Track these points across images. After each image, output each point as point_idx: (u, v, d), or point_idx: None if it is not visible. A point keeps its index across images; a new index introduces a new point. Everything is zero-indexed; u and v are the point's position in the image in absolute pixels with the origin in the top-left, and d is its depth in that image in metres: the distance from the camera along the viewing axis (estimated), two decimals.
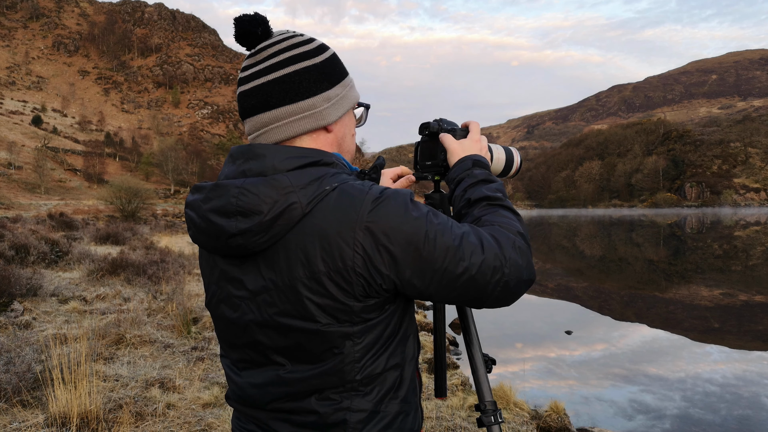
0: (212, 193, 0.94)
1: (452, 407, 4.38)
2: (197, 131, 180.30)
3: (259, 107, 0.99)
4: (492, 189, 1.11)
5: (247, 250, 0.92)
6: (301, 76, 0.98)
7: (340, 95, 1.03)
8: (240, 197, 0.90)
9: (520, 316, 10.05)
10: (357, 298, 0.90)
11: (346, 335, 0.92)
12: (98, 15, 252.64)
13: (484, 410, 1.25)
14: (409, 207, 0.91)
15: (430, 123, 1.28)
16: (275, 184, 0.90)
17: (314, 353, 0.93)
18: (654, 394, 5.92)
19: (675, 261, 20.58)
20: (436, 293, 0.93)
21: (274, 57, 0.99)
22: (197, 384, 4.46)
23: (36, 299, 7.47)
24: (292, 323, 0.93)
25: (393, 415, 0.98)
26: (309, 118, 0.99)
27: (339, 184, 0.92)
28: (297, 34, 1.03)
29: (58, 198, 79.96)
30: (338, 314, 0.91)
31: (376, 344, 0.95)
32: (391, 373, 0.98)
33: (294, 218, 0.89)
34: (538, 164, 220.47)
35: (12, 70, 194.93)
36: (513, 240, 0.96)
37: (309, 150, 0.96)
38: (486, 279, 0.91)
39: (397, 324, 0.98)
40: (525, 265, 0.96)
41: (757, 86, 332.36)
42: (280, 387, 0.96)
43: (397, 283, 0.91)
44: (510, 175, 1.40)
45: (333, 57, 1.04)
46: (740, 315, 10.32)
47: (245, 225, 0.90)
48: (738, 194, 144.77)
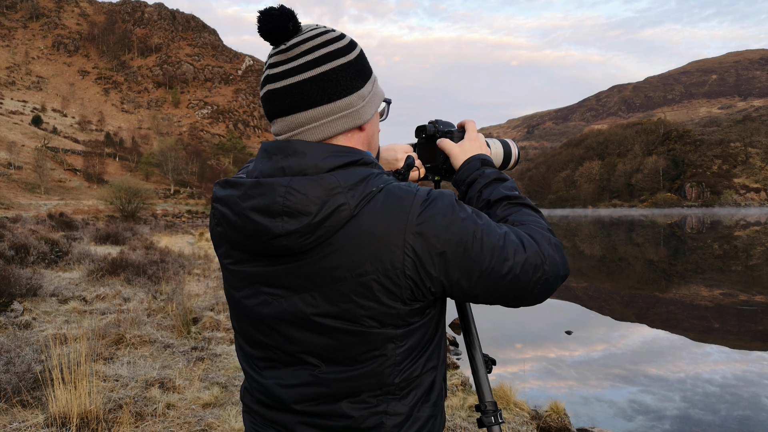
0: (253, 191, 0.90)
1: (452, 407, 4.37)
2: (197, 131, 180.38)
3: (294, 107, 0.94)
4: (509, 188, 1.13)
5: (291, 251, 0.89)
6: (338, 74, 0.94)
7: (372, 92, 1.01)
8: (288, 197, 0.87)
9: (520, 316, 10.05)
10: (404, 301, 0.90)
11: (389, 338, 0.91)
12: (98, 15, 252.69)
13: (484, 410, 1.25)
14: (456, 208, 0.91)
15: (426, 126, 1.28)
16: (323, 184, 0.87)
17: (354, 355, 0.92)
18: (654, 395, 5.92)
19: (675, 261, 20.58)
20: (482, 293, 0.93)
21: (308, 54, 0.94)
22: (197, 384, 4.46)
23: (36, 299, 7.47)
24: (333, 324, 0.91)
25: (425, 419, 0.98)
26: (347, 118, 0.96)
27: (385, 185, 0.91)
28: (329, 30, 0.98)
29: (58, 198, 79.98)
30: (383, 318, 0.90)
31: (417, 348, 0.95)
32: (427, 377, 0.98)
33: (342, 220, 0.87)
34: (538, 164, 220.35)
35: (12, 70, 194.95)
36: (548, 237, 0.98)
37: (348, 148, 0.94)
38: (528, 277, 0.92)
39: (434, 328, 0.99)
40: (561, 261, 0.98)
41: (757, 86, 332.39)
42: (314, 387, 0.94)
43: (446, 284, 0.90)
44: (509, 167, 1.40)
45: (362, 53, 1.01)
46: (740, 315, 10.31)
47: (292, 226, 0.86)
48: (738, 194, 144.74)
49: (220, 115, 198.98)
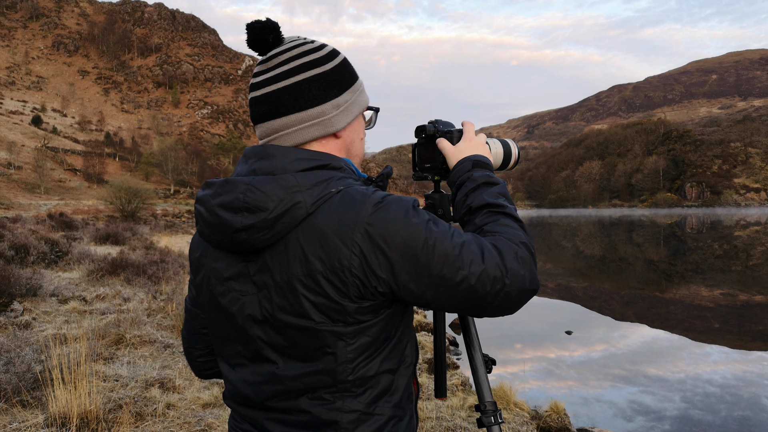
0: (221, 189, 0.96)
1: (452, 407, 4.38)
2: (197, 131, 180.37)
3: (269, 114, 1.01)
4: (493, 194, 1.10)
5: (251, 246, 0.94)
6: (311, 84, 1.00)
7: (350, 101, 1.04)
8: (247, 194, 0.92)
9: (520, 316, 10.04)
10: (351, 298, 0.91)
11: (338, 335, 0.92)
12: (98, 15, 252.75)
13: (484, 410, 1.25)
14: (410, 213, 0.91)
15: (426, 126, 1.29)
16: (282, 183, 0.92)
17: (307, 351, 0.94)
18: (654, 395, 5.92)
19: (675, 261, 20.58)
20: (434, 300, 0.93)
21: (285, 65, 1.00)
22: (197, 384, 4.46)
23: (36, 299, 7.47)
24: (288, 320, 0.94)
25: (386, 419, 0.97)
26: (318, 126, 1.01)
27: (344, 188, 0.94)
28: (308, 41, 1.04)
29: (58, 198, 79.99)
30: (332, 313, 0.92)
31: (370, 347, 0.95)
32: (384, 378, 0.97)
33: (298, 217, 0.91)
34: (538, 164, 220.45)
35: (12, 70, 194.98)
36: (515, 250, 0.95)
37: (319, 153, 0.98)
38: (486, 289, 0.91)
39: (392, 329, 0.98)
40: (528, 276, 0.95)
41: (757, 86, 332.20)
42: (275, 385, 0.97)
43: (394, 287, 0.91)
44: (509, 167, 1.40)
45: (343, 63, 1.05)
46: (740, 315, 10.32)
47: (250, 221, 0.91)
48: (738, 194, 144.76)
49: (220, 115, 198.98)
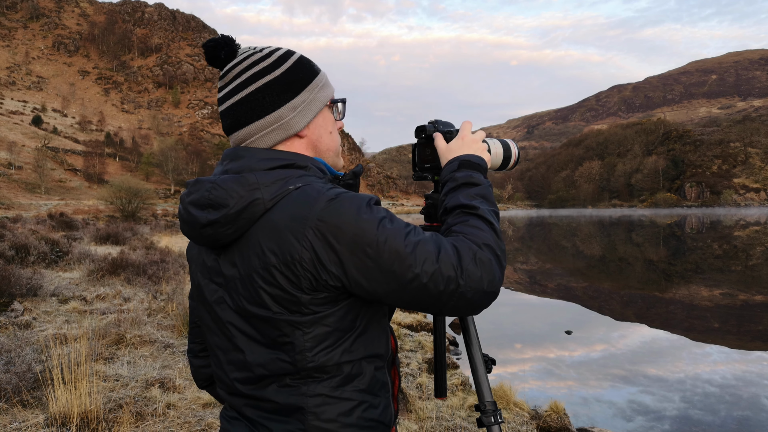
0: (193, 188, 1.03)
1: (452, 407, 4.38)
2: (197, 131, 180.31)
3: (234, 126, 1.06)
4: (470, 195, 1.09)
5: (217, 241, 1.00)
6: (263, 92, 1.03)
7: (308, 100, 1.07)
8: (212, 191, 0.98)
9: (520, 316, 10.06)
10: (304, 290, 0.94)
11: (295, 324, 0.96)
12: (98, 15, 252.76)
13: (484, 410, 1.26)
14: (362, 209, 0.93)
15: (425, 126, 1.29)
16: (243, 181, 0.97)
17: (269, 340, 0.98)
18: (653, 395, 5.93)
19: (675, 261, 20.59)
20: (387, 296, 0.94)
21: (237, 78, 1.05)
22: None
23: (36, 299, 7.48)
24: (252, 310, 0.98)
25: (355, 404, 0.99)
26: (278, 130, 1.05)
27: (303, 185, 0.97)
28: (257, 51, 1.07)
29: (58, 198, 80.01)
30: (287, 304, 0.95)
31: (329, 337, 0.97)
32: (348, 366, 0.99)
33: (257, 213, 0.96)
34: (538, 164, 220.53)
35: (12, 70, 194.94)
36: (475, 251, 0.95)
37: (284, 153, 1.03)
38: (439, 288, 0.91)
39: (352, 320, 0.99)
40: (485, 277, 0.94)
41: (757, 86, 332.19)
42: (246, 372, 1.02)
43: (345, 281, 0.94)
44: (509, 167, 1.40)
45: (296, 64, 1.07)
46: (740, 315, 10.32)
47: (214, 216, 0.97)
48: (738, 194, 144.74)
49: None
